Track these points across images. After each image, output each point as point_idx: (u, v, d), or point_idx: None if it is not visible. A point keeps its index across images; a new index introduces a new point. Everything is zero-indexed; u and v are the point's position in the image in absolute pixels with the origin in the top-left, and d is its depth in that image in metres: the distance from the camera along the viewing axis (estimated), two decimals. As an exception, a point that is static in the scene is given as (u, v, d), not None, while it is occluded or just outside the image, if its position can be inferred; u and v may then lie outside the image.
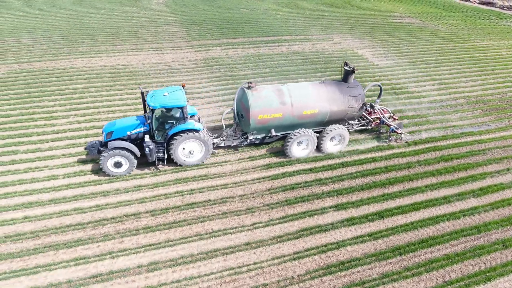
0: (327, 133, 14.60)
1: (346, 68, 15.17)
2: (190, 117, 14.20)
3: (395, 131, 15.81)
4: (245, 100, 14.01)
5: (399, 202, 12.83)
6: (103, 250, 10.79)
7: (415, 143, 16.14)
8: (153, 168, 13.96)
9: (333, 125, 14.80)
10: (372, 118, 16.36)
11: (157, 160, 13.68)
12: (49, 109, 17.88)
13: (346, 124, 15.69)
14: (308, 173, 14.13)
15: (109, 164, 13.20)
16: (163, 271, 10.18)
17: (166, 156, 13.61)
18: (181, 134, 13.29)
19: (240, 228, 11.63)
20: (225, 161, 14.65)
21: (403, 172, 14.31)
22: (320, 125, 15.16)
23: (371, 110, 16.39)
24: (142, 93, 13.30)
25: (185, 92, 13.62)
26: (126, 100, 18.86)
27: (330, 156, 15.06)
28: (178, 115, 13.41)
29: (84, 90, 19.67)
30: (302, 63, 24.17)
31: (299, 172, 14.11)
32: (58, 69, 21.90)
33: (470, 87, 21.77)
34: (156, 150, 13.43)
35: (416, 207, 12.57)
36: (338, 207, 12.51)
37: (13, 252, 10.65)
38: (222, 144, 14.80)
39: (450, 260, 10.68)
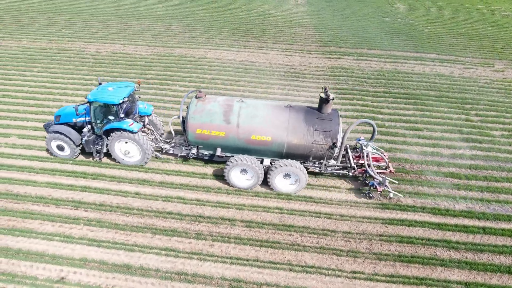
0: (276, 167, 12.19)
1: (322, 95, 12.10)
2: (142, 116, 14.08)
3: (375, 187, 12.12)
4: (188, 109, 12.81)
5: None
6: (194, 248, 10.62)
7: None
8: (96, 159, 13.96)
9: (287, 160, 12.19)
10: (356, 163, 13.17)
11: (96, 152, 13.75)
12: (179, 93, 19.13)
13: (318, 163, 12.72)
14: (435, 228, 11.45)
15: (53, 146, 13.74)
16: (245, 293, 9.40)
17: (104, 150, 13.62)
18: (121, 132, 13.10)
19: (337, 272, 10.01)
20: (335, 187, 13.05)
21: None
22: (279, 157, 12.78)
23: (359, 153, 13.24)
24: (100, 84, 13.39)
25: (135, 90, 13.22)
26: (247, 96, 18.84)
27: (469, 214, 11.95)
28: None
29: (211, 80, 20.51)
30: (448, 89, 20.40)
31: (422, 224, 11.56)
32: (194, 57, 23.48)
33: None
34: (96, 142, 13.59)
35: None
36: (469, 287, 9.67)
37: (119, 223, 11.38)
38: (171, 151, 14.02)
39: None
